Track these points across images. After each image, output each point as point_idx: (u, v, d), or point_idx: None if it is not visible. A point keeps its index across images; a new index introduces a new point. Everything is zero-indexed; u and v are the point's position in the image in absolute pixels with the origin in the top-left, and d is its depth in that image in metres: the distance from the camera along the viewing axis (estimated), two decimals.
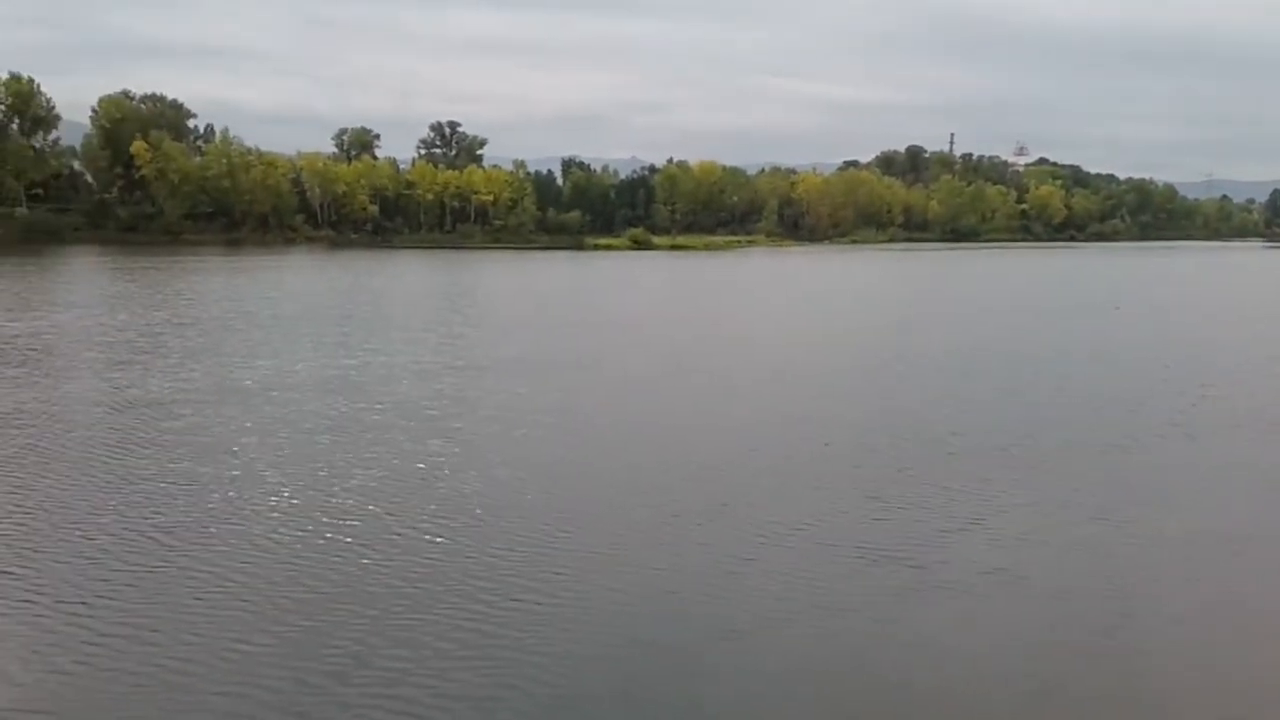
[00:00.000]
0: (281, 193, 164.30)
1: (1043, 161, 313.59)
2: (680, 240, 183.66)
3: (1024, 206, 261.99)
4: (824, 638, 16.16)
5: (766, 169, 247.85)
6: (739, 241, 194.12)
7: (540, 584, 17.73)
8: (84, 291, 73.18)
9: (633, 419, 32.16)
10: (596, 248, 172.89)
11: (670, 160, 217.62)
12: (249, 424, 29.51)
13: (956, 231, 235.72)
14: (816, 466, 26.16)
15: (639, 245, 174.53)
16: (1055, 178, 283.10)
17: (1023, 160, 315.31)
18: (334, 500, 22.16)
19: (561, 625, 16.19)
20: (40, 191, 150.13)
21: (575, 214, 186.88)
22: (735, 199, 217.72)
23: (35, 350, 42.67)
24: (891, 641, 16.05)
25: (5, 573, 17.55)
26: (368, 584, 17.56)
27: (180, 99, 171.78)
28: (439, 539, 19.90)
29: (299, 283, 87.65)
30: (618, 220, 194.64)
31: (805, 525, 21.18)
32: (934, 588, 17.96)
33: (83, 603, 16.48)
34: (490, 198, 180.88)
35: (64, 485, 23.02)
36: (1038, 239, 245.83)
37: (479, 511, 21.63)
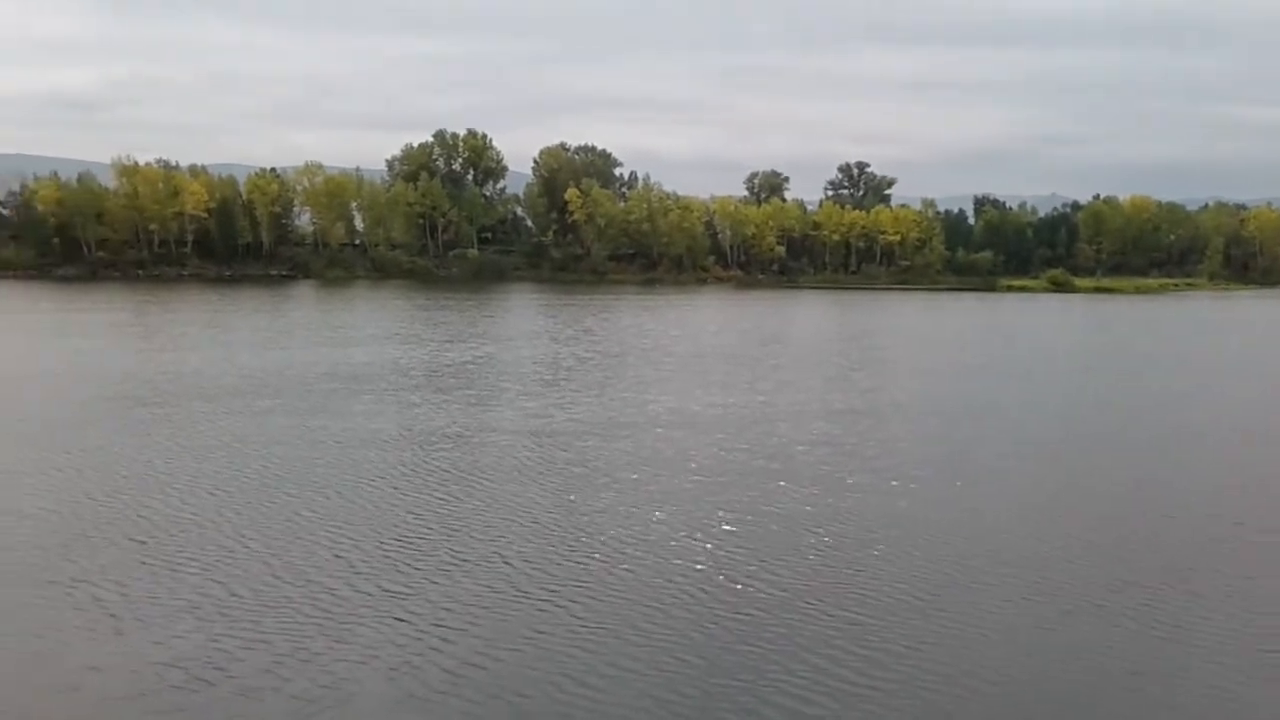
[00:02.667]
0: (695, 235, 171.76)
1: None
2: (1105, 282, 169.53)
3: None
4: None
5: (1210, 204, 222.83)
6: (1175, 285, 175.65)
7: (930, 660, 16.21)
8: (511, 326, 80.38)
9: (1027, 476, 29.35)
10: (1009, 289, 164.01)
11: (1096, 196, 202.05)
12: (633, 458, 30.35)
13: None
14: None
15: (1058, 287, 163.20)
16: None
17: None
18: (699, 544, 21.96)
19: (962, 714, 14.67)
20: (489, 235, 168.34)
21: (986, 254, 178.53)
22: (1172, 237, 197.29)
23: (460, 378, 47.10)
24: None
25: (386, 590, 18.95)
26: (717, 638, 17.03)
27: (608, 149, 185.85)
28: (796, 594, 18.96)
29: (701, 321, 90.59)
30: (1035, 260, 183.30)
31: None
32: None
33: (443, 624, 17.33)
34: (897, 237, 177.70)
35: (455, 509, 24.71)
36: None
37: (845, 569, 20.47)
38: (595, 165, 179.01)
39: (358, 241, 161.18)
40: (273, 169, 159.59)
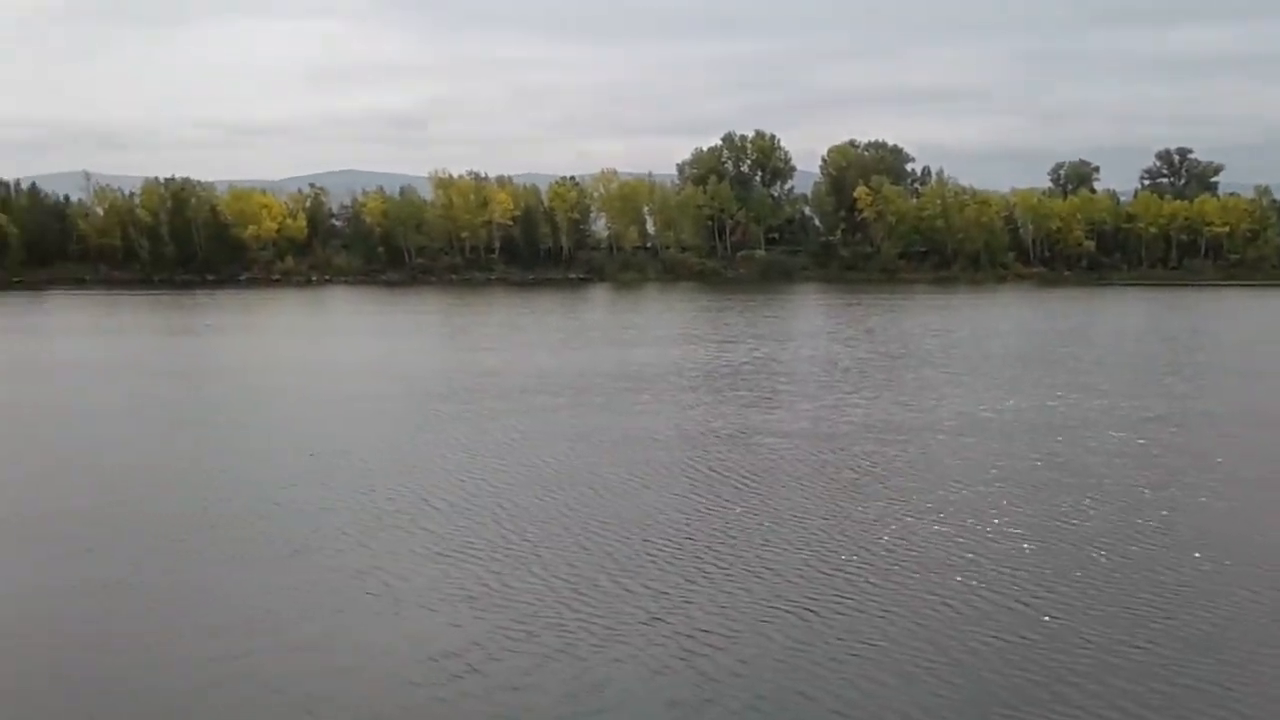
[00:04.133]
0: (994, 230, 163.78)
1: None
2: None
3: None
4: None
5: None
6: None
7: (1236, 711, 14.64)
8: (793, 326, 79.89)
9: None
10: None
11: None
12: (911, 466, 29.33)
13: None
14: None
15: None
16: None
17: None
18: (976, 560, 20.82)
19: None
20: (776, 235, 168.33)
21: None
22: None
23: (737, 379, 47.25)
24: None
25: (651, 591, 19.14)
26: (988, 663, 16.04)
27: (899, 144, 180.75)
28: (1081, 621, 17.55)
29: (996, 320, 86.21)
30: None
31: None
32: None
33: (705, 630, 17.28)
34: (1225, 229, 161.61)
35: (724, 512, 24.68)
36: None
37: (1140, 596, 18.76)
38: (885, 161, 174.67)
39: (649, 244, 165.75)
40: (571, 177, 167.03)
